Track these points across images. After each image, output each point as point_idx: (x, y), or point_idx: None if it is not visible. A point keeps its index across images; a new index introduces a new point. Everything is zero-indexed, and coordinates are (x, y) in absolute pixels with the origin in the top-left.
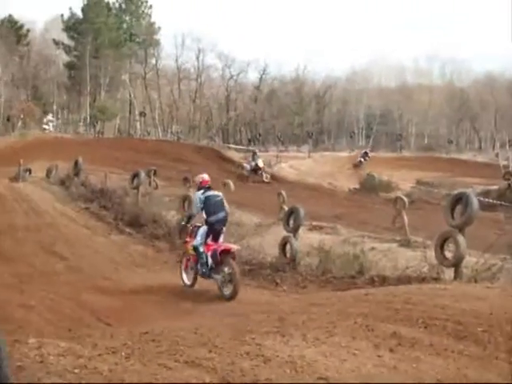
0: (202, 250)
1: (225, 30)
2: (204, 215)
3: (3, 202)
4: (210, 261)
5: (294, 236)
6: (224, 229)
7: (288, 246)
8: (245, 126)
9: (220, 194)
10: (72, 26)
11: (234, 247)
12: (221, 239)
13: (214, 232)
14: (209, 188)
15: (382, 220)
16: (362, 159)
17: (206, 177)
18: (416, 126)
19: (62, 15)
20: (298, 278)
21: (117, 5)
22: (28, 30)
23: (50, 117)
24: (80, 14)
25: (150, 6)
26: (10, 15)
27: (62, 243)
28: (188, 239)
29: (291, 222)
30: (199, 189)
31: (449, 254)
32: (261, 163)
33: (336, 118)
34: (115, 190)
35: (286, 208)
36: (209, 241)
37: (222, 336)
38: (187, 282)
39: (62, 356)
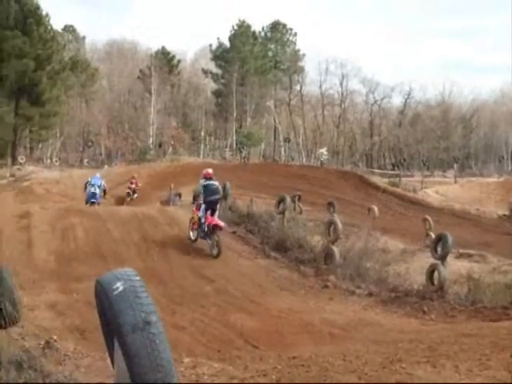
0: (203, 220)
1: (369, 55)
2: (203, 196)
3: (156, 224)
4: (206, 229)
5: (442, 263)
6: (218, 206)
7: (436, 274)
8: (389, 150)
9: (216, 183)
10: (220, 55)
11: (222, 224)
12: (216, 215)
13: (210, 208)
14: (210, 178)
15: None
16: None
17: (209, 170)
18: None
19: (210, 45)
20: (447, 307)
21: (262, 33)
22: (179, 61)
23: (323, 150)
24: (227, 44)
25: (295, 34)
26: (163, 47)
27: (210, 266)
28: (195, 210)
29: (439, 248)
30: (203, 178)
31: None
32: None
33: (483, 142)
34: (261, 215)
35: (433, 234)
36: (208, 214)
37: (371, 363)
38: (192, 237)
39: (215, 376)
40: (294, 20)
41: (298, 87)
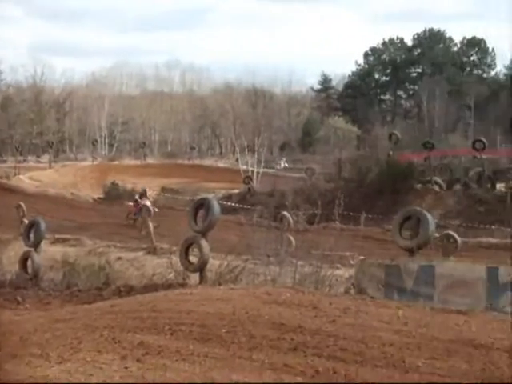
0: None
1: None
2: None
3: None
4: None
5: (35, 250)
6: None
7: (29, 262)
8: None
9: None
10: None
11: None
12: None
13: None
14: None
15: (129, 228)
16: None
17: None
18: (159, 134)
19: None
20: (42, 295)
21: None
22: None
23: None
24: None
25: None
26: None
27: None
28: None
29: (32, 235)
30: None
31: (194, 259)
32: None
33: (77, 126)
34: None
35: (27, 221)
36: None
37: None
38: None
39: None
40: None
41: None
